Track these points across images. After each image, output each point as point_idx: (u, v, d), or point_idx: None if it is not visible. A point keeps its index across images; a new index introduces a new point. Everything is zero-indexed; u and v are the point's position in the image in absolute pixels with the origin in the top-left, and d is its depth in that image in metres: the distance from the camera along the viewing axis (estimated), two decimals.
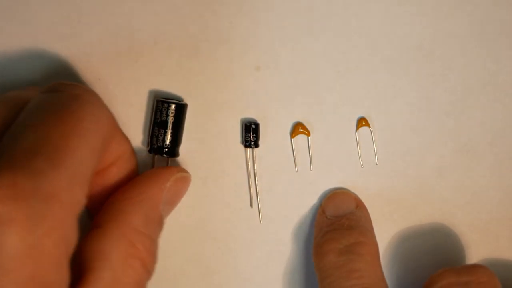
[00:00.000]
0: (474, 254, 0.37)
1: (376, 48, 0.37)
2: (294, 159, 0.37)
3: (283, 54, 0.36)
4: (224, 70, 0.36)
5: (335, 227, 0.35)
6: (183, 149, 0.36)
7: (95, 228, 0.30)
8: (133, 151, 0.34)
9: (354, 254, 0.33)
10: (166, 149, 0.35)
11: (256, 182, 0.37)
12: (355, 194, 0.37)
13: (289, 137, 0.37)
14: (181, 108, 0.35)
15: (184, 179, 0.34)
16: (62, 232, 0.26)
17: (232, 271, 0.37)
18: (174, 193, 0.34)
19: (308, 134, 0.36)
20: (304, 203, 0.37)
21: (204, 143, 0.36)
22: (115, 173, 0.33)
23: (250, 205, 0.37)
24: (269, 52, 0.36)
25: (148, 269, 0.31)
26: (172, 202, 0.34)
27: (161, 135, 0.35)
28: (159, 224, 0.32)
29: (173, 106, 0.35)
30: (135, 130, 0.36)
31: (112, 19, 0.36)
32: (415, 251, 0.37)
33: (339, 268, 0.33)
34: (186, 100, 0.36)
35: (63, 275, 0.26)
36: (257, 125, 0.36)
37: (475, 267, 0.34)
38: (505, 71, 0.37)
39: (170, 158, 0.36)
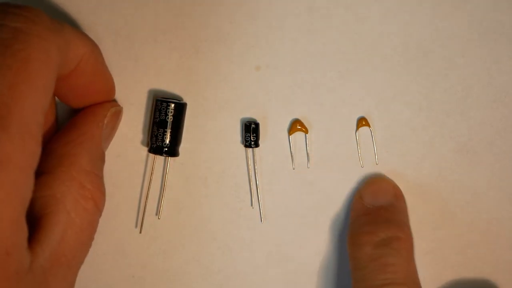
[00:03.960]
0: (474, 254, 0.37)
1: (376, 48, 0.37)
2: (292, 156, 0.37)
3: (283, 54, 0.36)
4: (224, 70, 0.36)
5: (373, 217, 0.35)
6: (183, 149, 0.36)
7: (43, 174, 0.30)
8: (94, 49, 0.32)
9: (390, 248, 0.33)
10: (166, 149, 0.35)
11: (257, 182, 0.37)
12: (393, 182, 0.36)
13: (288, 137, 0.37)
14: (181, 108, 0.35)
15: (118, 112, 0.35)
16: (17, 193, 0.25)
17: (232, 271, 0.37)
18: (111, 128, 0.34)
19: (306, 132, 0.36)
20: (304, 203, 0.37)
21: (204, 143, 0.36)
22: (78, 76, 0.31)
23: (251, 205, 0.37)
24: (269, 52, 0.36)
25: (99, 208, 0.31)
26: (110, 137, 0.35)
27: (160, 135, 0.35)
28: (102, 161, 0.33)
29: (173, 105, 0.35)
30: (135, 130, 0.36)
31: (112, 19, 0.36)
32: (415, 251, 0.37)
33: (374, 260, 0.33)
34: (186, 99, 0.36)
35: (21, 233, 0.26)
36: (257, 125, 0.36)
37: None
38: (505, 71, 0.37)
39: (169, 158, 0.36)
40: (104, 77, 0.33)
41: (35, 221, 0.29)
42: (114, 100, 0.36)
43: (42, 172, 0.30)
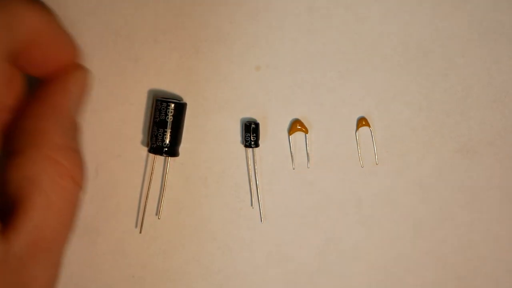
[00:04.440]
0: (474, 254, 0.37)
1: (376, 48, 0.37)
2: (292, 156, 0.37)
3: (283, 54, 0.36)
4: (224, 70, 0.36)
5: None
6: (183, 149, 0.36)
7: (15, 154, 0.28)
8: (50, 19, 0.31)
9: None
10: (166, 149, 0.35)
11: (257, 182, 0.37)
12: None
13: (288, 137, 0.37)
14: (181, 108, 0.35)
15: (85, 76, 0.32)
16: None
17: (232, 271, 0.37)
18: (80, 94, 0.32)
19: (306, 132, 0.36)
20: (304, 203, 0.37)
21: (204, 143, 0.36)
22: (35, 48, 0.30)
23: (251, 205, 0.37)
24: (269, 52, 0.36)
25: (78, 183, 0.29)
26: (79, 102, 0.32)
27: (160, 135, 0.35)
28: (76, 130, 0.31)
29: (173, 105, 0.35)
30: (135, 130, 0.36)
31: (112, 19, 0.36)
32: (415, 251, 0.37)
33: None
34: (186, 100, 0.36)
35: None
36: (257, 124, 0.36)
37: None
38: (505, 71, 0.37)
39: (169, 158, 0.36)
40: (64, 44, 0.31)
41: (9, 206, 0.28)
42: (82, 64, 0.33)
43: (13, 152, 0.28)
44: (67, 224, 0.29)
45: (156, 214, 0.37)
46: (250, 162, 0.37)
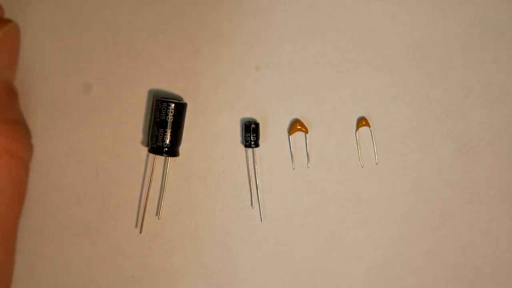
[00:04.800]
0: (474, 254, 0.37)
1: (376, 48, 0.37)
2: (292, 156, 0.37)
3: (283, 54, 0.36)
4: (224, 70, 0.36)
5: None
6: (183, 149, 0.36)
7: None
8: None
9: None
10: (166, 149, 0.35)
11: (257, 182, 0.37)
12: None
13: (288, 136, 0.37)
14: (181, 108, 0.35)
15: (13, 29, 0.27)
16: None
17: (232, 271, 0.37)
18: (8, 52, 0.27)
19: (306, 132, 0.36)
20: (304, 203, 0.37)
21: (204, 143, 0.36)
22: None
23: (251, 205, 0.37)
24: (269, 52, 0.36)
25: (18, 155, 0.25)
26: (12, 62, 0.27)
27: (160, 135, 0.35)
28: (9, 96, 0.26)
29: (173, 105, 0.35)
30: (135, 130, 0.36)
31: (112, 19, 0.36)
32: (415, 251, 0.37)
33: None
34: (186, 100, 0.36)
35: None
36: (257, 124, 0.36)
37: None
38: (505, 71, 0.37)
39: (169, 158, 0.36)
40: None
41: None
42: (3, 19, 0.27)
43: None
44: (12, 204, 0.25)
45: (156, 214, 0.37)
46: (250, 162, 0.37)
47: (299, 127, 0.36)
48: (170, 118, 0.35)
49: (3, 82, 0.26)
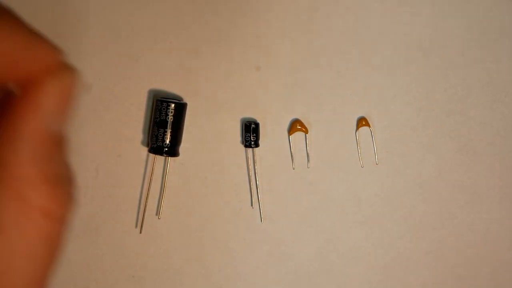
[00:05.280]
0: (474, 254, 0.37)
1: (376, 48, 0.37)
2: (292, 156, 0.37)
3: (283, 54, 0.36)
4: (224, 70, 0.36)
5: None
6: (183, 149, 0.36)
7: None
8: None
9: None
10: (166, 149, 0.35)
11: (257, 182, 0.37)
12: None
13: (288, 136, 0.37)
14: (181, 108, 0.35)
15: (67, 79, 0.23)
16: None
17: (232, 271, 0.37)
18: (59, 103, 0.23)
19: (306, 132, 0.36)
20: (304, 203, 0.37)
21: (204, 143, 0.36)
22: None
23: (251, 205, 0.37)
24: (269, 52, 0.36)
25: (55, 216, 0.23)
26: (61, 113, 0.24)
27: (160, 135, 0.35)
28: (55, 145, 0.24)
29: (173, 105, 0.35)
30: (135, 130, 0.36)
31: (112, 19, 0.36)
32: (415, 251, 0.37)
33: None
34: (186, 100, 0.36)
35: None
36: (257, 124, 0.36)
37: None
38: (505, 71, 0.37)
39: (169, 158, 0.36)
40: (31, 49, 0.22)
41: None
42: (65, 67, 0.23)
43: None
44: (43, 264, 0.24)
45: (156, 214, 0.37)
46: (250, 162, 0.37)
47: (299, 127, 0.36)
48: (170, 118, 0.35)
49: (47, 130, 0.23)
